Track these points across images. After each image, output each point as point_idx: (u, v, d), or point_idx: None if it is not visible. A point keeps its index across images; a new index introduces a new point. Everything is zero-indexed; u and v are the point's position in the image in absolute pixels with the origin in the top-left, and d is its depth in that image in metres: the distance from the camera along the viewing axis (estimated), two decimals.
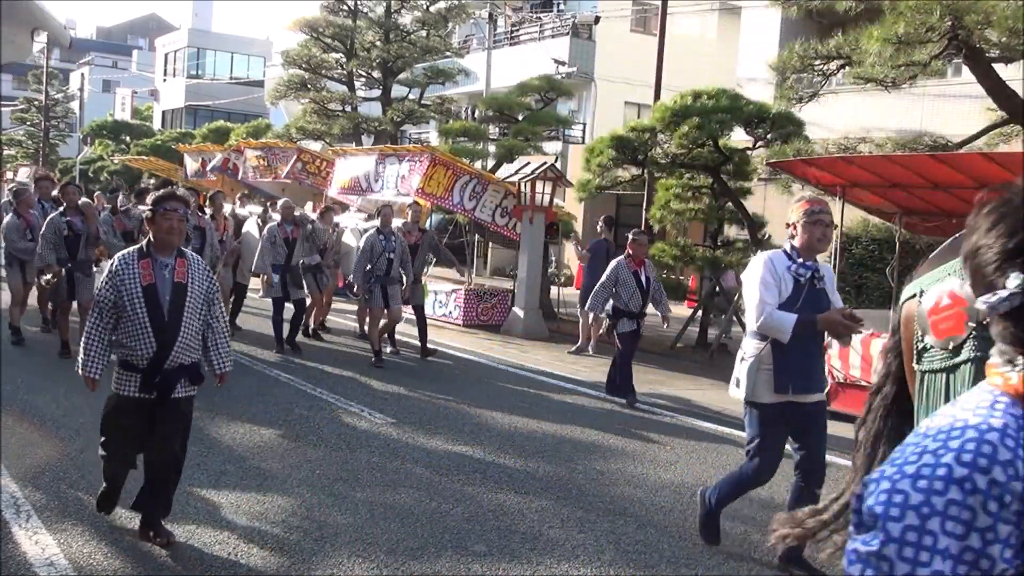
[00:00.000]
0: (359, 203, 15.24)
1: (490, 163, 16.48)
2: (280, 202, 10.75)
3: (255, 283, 11.21)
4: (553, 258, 17.97)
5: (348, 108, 22.66)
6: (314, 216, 11.52)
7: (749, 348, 4.50)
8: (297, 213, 10.48)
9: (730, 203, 12.12)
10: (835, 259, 9.91)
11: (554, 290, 15.09)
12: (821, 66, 10.37)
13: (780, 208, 13.31)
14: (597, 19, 23.20)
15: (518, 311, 13.08)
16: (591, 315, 11.81)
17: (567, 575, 4.36)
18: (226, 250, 10.71)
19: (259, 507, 5.02)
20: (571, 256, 19.30)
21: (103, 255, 9.89)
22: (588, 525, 5.05)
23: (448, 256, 11.81)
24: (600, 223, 12.45)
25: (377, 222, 10.55)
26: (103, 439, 4.38)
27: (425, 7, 22.43)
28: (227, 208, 11.23)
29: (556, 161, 21.08)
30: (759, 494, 5.92)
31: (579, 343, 11.91)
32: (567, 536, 4.84)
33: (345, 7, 22.49)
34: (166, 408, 4.27)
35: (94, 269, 8.77)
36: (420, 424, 7.22)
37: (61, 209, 8.90)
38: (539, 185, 12.76)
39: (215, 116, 40.70)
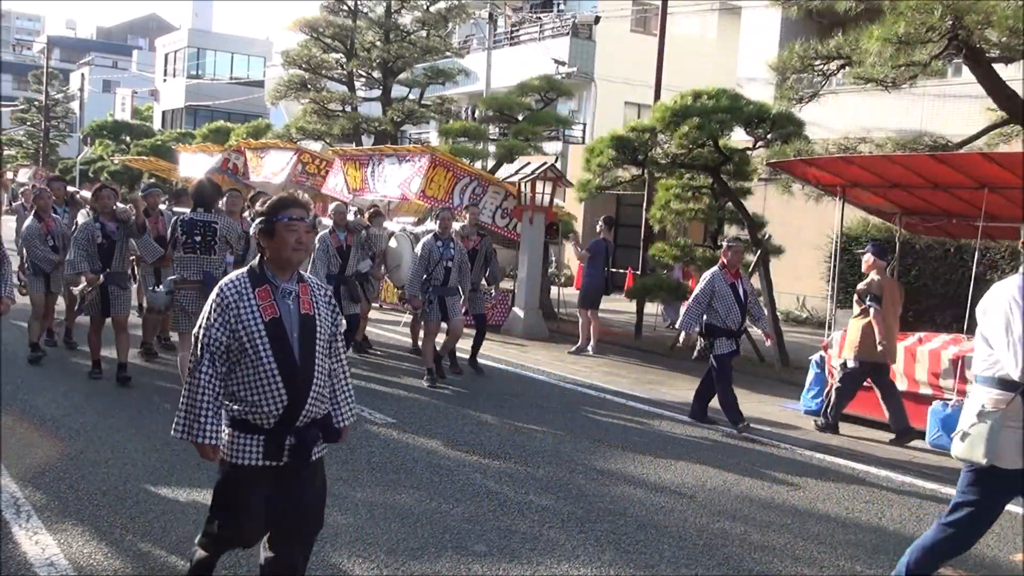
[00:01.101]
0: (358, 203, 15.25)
1: (490, 163, 16.48)
2: (332, 207, 9.79)
3: None
4: (553, 258, 17.97)
5: (348, 108, 22.65)
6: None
7: (985, 398, 3.67)
8: (351, 218, 9.60)
9: (730, 203, 12.12)
10: (835, 259, 9.91)
11: (554, 290, 15.09)
12: (821, 66, 10.36)
13: (780, 208, 13.39)
14: (597, 19, 23.19)
15: (518, 311, 13.08)
16: (589, 313, 11.83)
17: (567, 575, 4.36)
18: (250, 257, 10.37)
19: None
20: (571, 256, 19.30)
21: (136, 263, 9.46)
22: (588, 525, 5.05)
23: (496, 270, 10.81)
24: (600, 223, 12.45)
25: (431, 226, 9.78)
26: (214, 522, 3.41)
27: (425, 7, 22.42)
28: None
29: (556, 161, 21.10)
30: (759, 495, 5.93)
31: (579, 343, 11.92)
32: (567, 536, 4.84)
33: (345, 7, 22.48)
34: (299, 477, 3.33)
35: (153, 288, 8.05)
36: (420, 424, 7.22)
37: (93, 215, 8.06)
38: (539, 185, 12.76)
39: (215, 116, 40.72)
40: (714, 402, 7.99)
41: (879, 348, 7.67)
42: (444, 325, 9.08)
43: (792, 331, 13.81)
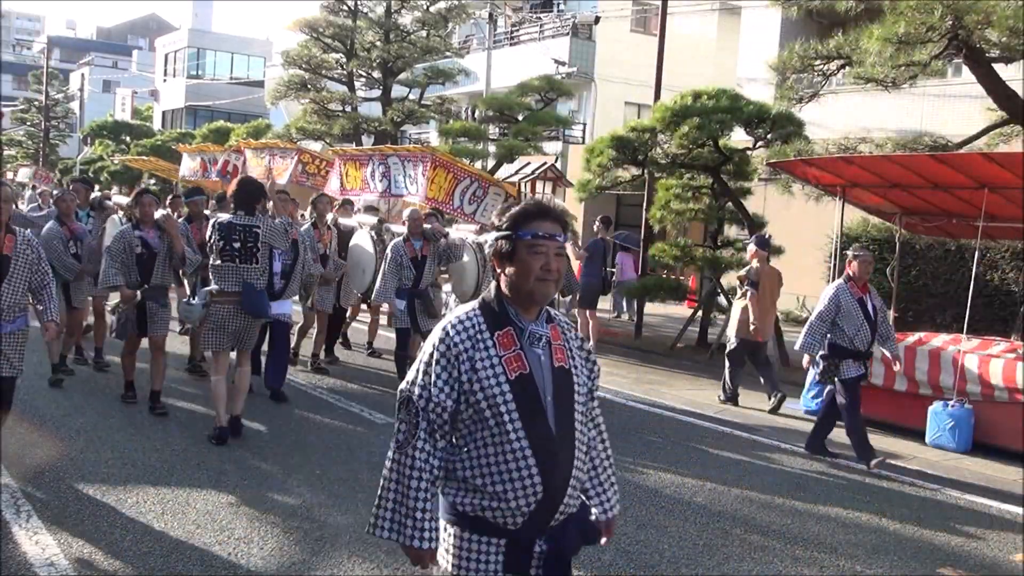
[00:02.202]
0: (359, 203, 15.22)
1: (490, 163, 16.48)
2: (406, 212, 8.85)
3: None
4: None
5: (348, 108, 22.65)
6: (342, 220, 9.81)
7: None
8: (427, 226, 8.54)
9: (730, 203, 12.12)
10: (835, 259, 9.91)
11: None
12: (821, 66, 10.36)
13: (780, 208, 13.38)
14: (597, 19, 23.18)
15: None
16: (587, 313, 11.81)
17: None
18: (329, 267, 8.98)
19: (259, 507, 5.02)
20: (570, 256, 19.29)
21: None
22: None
23: (572, 284, 10.19)
24: (597, 223, 12.46)
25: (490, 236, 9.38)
26: None
27: (425, 7, 22.42)
28: (329, 216, 9.32)
29: (556, 161, 21.12)
30: (759, 496, 5.93)
31: None
32: None
33: (345, 7, 22.48)
34: None
35: (188, 301, 6.88)
36: None
37: (134, 222, 7.21)
38: (539, 185, 12.76)
39: (215, 116, 40.69)
40: (712, 401, 7.98)
41: (752, 328, 8.71)
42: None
43: (792, 331, 13.80)
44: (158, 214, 7.20)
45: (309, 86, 22.73)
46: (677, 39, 20.71)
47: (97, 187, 19.14)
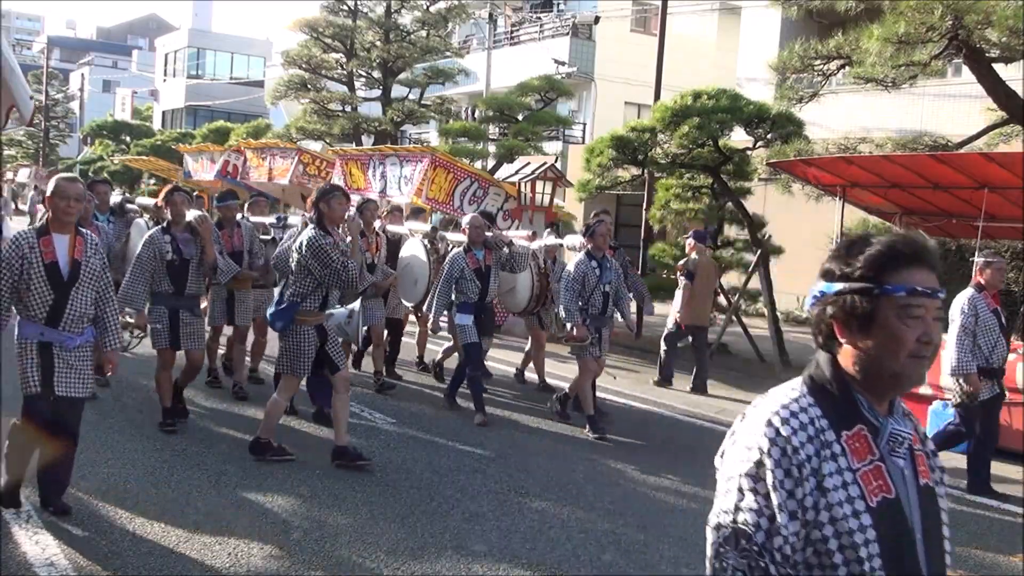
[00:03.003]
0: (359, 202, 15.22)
1: (490, 163, 16.48)
2: (466, 219, 7.88)
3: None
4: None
5: (348, 108, 22.65)
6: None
7: None
8: (489, 234, 7.71)
9: (730, 203, 12.12)
10: None
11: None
12: (821, 66, 10.36)
13: (780, 208, 13.37)
14: (597, 19, 23.18)
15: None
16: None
17: (567, 575, 4.36)
18: (378, 275, 8.08)
19: (259, 507, 5.02)
20: (570, 256, 19.29)
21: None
22: (588, 525, 5.05)
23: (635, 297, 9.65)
24: (595, 217, 12.44)
25: (574, 240, 8.15)
26: None
27: (425, 7, 22.42)
28: (377, 223, 8.46)
29: (556, 161, 21.07)
30: None
31: None
32: (567, 536, 4.84)
33: (345, 7, 22.48)
34: None
35: (338, 311, 6.27)
36: (420, 424, 7.22)
37: (163, 225, 6.54)
38: (539, 185, 12.75)
39: (215, 116, 40.68)
40: (712, 401, 7.97)
41: (678, 315, 9.56)
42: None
43: (792, 331, 13.80)
44: (191, 214, 6.49)
45: (309, 86, 22.73)
46: (677, 39, 20.71)
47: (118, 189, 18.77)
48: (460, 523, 4.93)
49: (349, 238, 5.82)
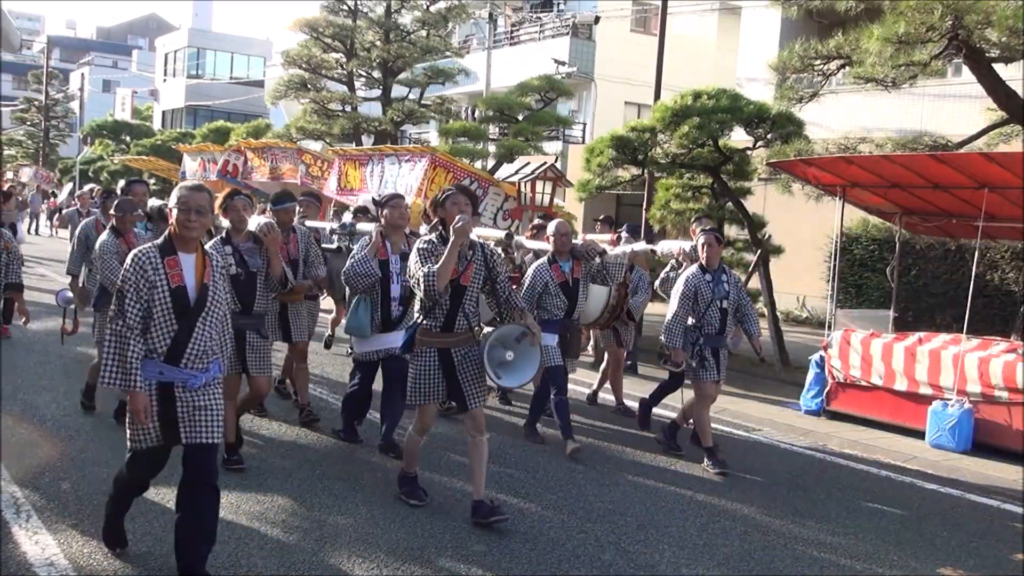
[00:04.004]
0: (359, 201, 15.20)
1: (490, 163, 16.48)
2: (552, 226, 6.96)
3: None
4: None
5: (348, 108, 22.66)
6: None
7: None
8: (578, 242, 6.94)
9: (730, 203, 12.12)
10: (835, 259, 9.91)
11: None
12: (821, 66, 10.36)
13: (780, 208, 13.38)
14: (597, 19, 23.19)
15: None
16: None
17: (567, 575, 4.36)
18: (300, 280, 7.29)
19: (259, 507, 5.02)
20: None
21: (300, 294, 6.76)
22: (588, 525, 5.05)
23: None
24: (598, 224, 12.45)
25: (669, 246, 7.28)
26: None
27: (425, 7, 22.43)
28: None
29: (556, 161, 21.06)
30: (759, 495, 5.93)
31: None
32: (567, 536, 4.84)
33: (345, 7, 22.49)
34: None
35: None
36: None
37: (223, 235, 5.84)
38: (539, 185, 12.74)
39: (215, 116, 40.71)
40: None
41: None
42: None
43: (792, 331, 13.81)
44: (255, 222, 5.74)
45: (309, 86, 22.74)
46: (677, 39, 20.72)
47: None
48: (460, 523, 4.93)
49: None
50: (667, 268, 7.19)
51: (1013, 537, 5.42)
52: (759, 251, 11.52)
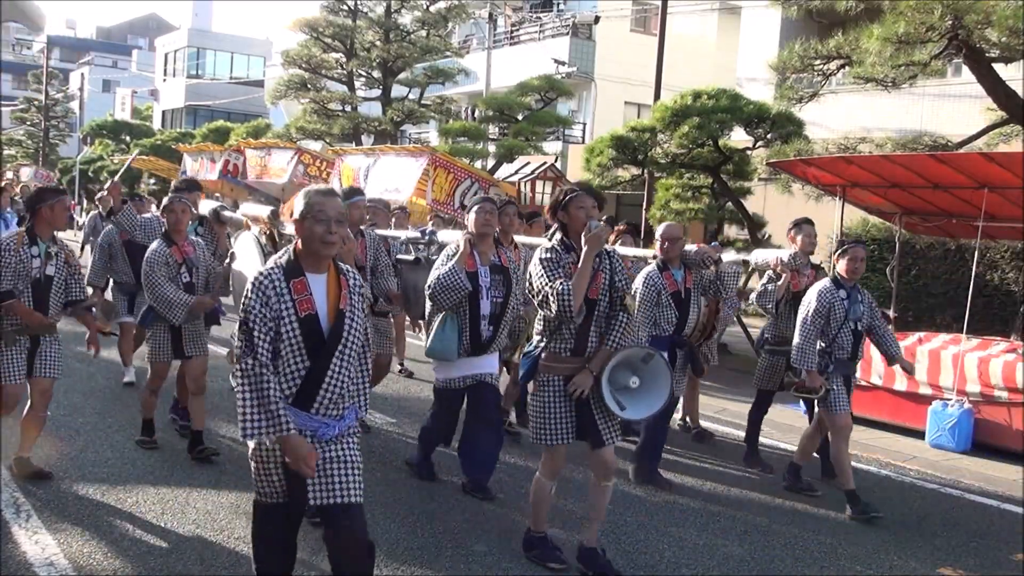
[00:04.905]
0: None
1: (490, 163, 16.49)
2: (662, 228, 6.19)
3: None
4: None
5: (348, 108, 22.67)
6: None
7: None
8: (693, 247, 6.15)
9: (730, 203, 12.13)
10: (835, 259, 9.91)
11: None
12: (821, 66, 10.36)
13: (780, 208, 13.37)
14: (597, 19, 23.19)
15: None
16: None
17: (567, 575, 4.36)
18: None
19: None
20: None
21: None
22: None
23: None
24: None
25: (765, 256, 6.45)
26: None
27: (425, 7, 22.45)
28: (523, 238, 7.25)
29: (556, 161, 21.11)
30: (758, 496, 5.93)
31: None
32: (567, 536, 4.83)
33: (345, 7, 22.51)
34: None
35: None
36: (420, 424, 7.20)
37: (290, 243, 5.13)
38: (539, 185, 12.76)
39: (215, 116, 40.72)
40: (711, 402, 7.89)
41: None
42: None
43: None
44: None
45: (309, 86, 22.76)
46: (677, 39, 20.72)
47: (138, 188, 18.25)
48: (460, 523, 4.93)
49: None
50: (764, 279, 6.48)
51: (1013, 537, 5.42)
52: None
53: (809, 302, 5.71)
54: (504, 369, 6.54)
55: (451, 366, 5.36)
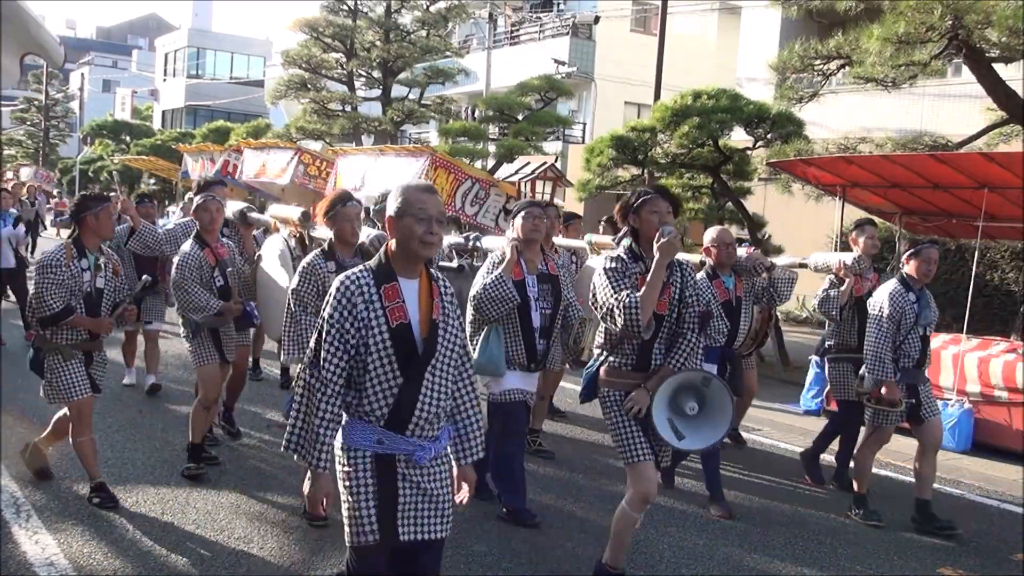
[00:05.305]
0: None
1: (490, 163, 16.49)
2: (712, 233, 5.88)
3: None
4: None
5: (348, 108, 22.68)
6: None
7: None
8: (742, 253, 5.91)
9: (730, 203, 12.13)
10: None
11: None
12: (821, 66, 10.36)
13: (780, 208, 13.38)
14: (597, 19, 23.20)
15: None
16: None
17: (567, 575, 4.36)
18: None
19: (259, 507, 5.02)
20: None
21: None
22: (588, 525, 5.05)
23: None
24: (602, 224, 12.45)
25: (826, 259, 6.12)
26: None
27: (425, 7, 22.47)
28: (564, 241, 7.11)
29: (556, 161, 21.11)
30: (759, 495, 5.93)
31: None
32: (567, 536, 4.84)
33: (345, 7, 22.52)
34: None
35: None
36: None
37: (324, 247, 4.86)
38: (539, 185, 12.76)
39: (215, 116, 40.71)
40: None
41: None
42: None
43: (792, 331, 13.81)
44: (366, 234, 4.92)
45: (309, 86, 22.78)
46: (677, 39, 20.73)
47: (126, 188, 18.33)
48: (460, 523, 4.92)
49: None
50: (826, 285, 6.13)
51: (1013, 537, 5.42)
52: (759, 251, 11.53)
53: (881, 306, 5.27)
54: None
55: (503, 380, 5.04)
